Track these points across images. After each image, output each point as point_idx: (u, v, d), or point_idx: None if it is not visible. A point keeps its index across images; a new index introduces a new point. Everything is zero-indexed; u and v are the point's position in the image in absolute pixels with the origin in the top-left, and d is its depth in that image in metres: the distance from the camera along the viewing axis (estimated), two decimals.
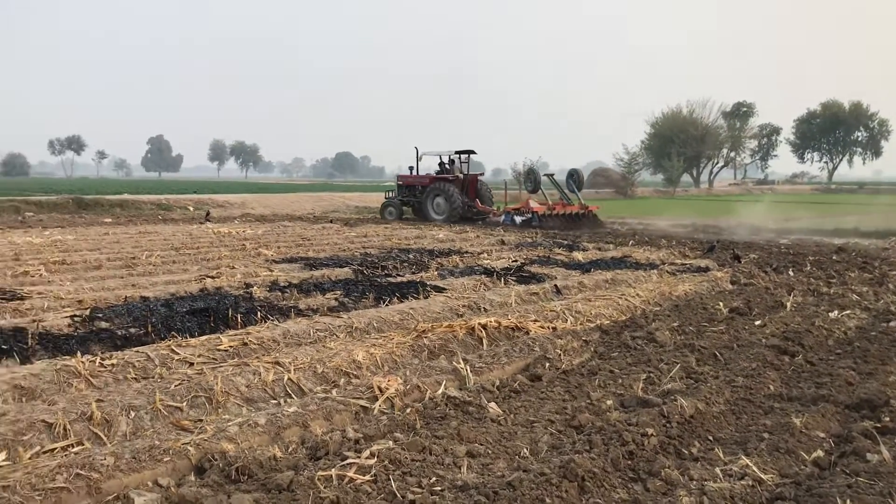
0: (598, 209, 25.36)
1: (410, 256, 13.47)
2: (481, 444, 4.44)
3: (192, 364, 5.99)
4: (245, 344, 6.57)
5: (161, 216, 26.91)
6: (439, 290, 9.72)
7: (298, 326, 7.22)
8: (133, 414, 4.81)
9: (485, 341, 7.02)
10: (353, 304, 8.96)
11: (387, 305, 8.73)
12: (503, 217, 24.14)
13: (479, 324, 7.24)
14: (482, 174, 27.50)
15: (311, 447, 4.40)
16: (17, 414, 4.62)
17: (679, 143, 74.19)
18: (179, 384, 5.30)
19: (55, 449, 4.35)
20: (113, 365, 5.80)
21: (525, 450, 4.39)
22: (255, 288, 9.64)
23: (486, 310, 8.63)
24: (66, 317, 7.52)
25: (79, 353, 6.07)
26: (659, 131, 78.21)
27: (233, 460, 4.08)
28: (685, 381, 5.82)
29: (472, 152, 26.56)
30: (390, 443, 4.31)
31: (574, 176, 25.86)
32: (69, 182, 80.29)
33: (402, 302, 8.97)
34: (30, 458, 4.18)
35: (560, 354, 6.61)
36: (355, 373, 5.97)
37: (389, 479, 3.82)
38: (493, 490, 3.67)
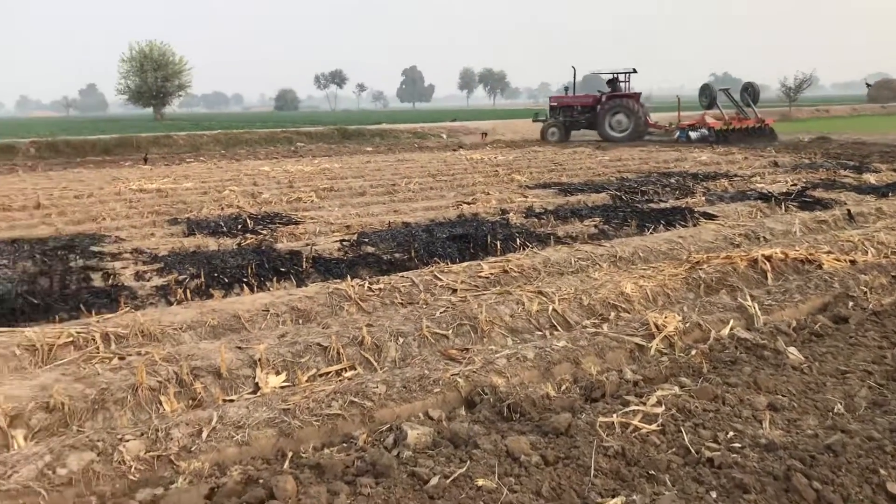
0: (774, 122, 24.37)
1: (672, 181, 12.58)
2: (783, 396, 3.81)
3: (454, 291, 5.86)
4: (505, 271, 6.35)
5: (417, 144, 27.79)
6: (709, 216, 8.89)
7: (559, 254, 6.87)
8: (401, 340, 4.74)
9: (769, 275, 6.22)
10: (613, 231, 8.45)
11: (651, 233, 8.12)
12: (677, 133, 23.94)
13: (763, 255, 6.42)
14: (640, 93, 26.79)
15: (586, 387, 4.03)
16: (295, 336, 4.72)
17: None
18: (444, 311, 5.17)
19: (329, 373, 4.37)
20: (380, 289, 5.82)
21: (839, 405, 3.70)
22: (511, 214, 9.43)
23: (766, 239, 7.72)
24: (336, 241, 7.76)
25: (348, 277, 6.18)
26: None
27: (504, 396, 3.83)
28: None
29: (634, 71, 25.94)
30: (676, 388, 3.83)
31: (748, 90, 25.19)
32: (333, 114, 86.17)
33: (668, 230, 8.30)
34: (307, 381, 4.22)
35: (865, 292, 5.67)
36: (625, 306, 5.50)
37: (680, 431, 3.36)
38: (809, 453, 3.09)
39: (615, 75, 26.17)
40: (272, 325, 5.24)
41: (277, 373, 4.31)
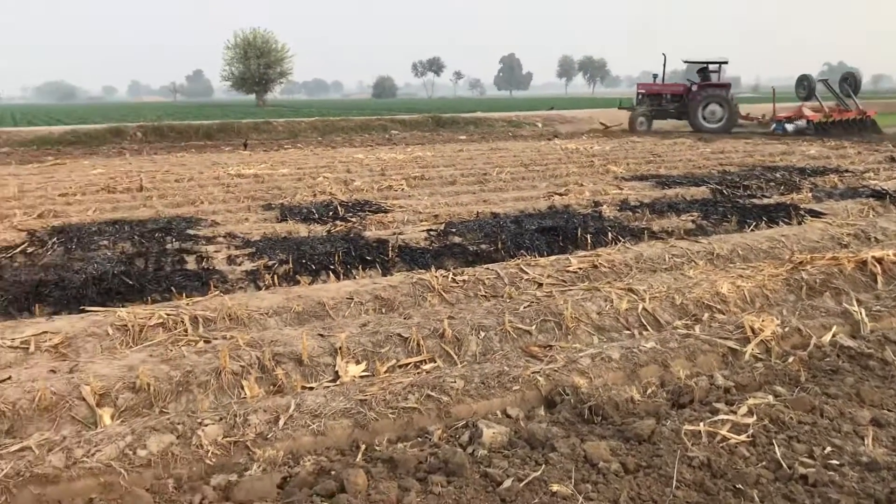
0: (876, 114, 23.55)
1: (777, 175, 12.01)
2: (890, 411, 3.54)
3: (540, 285, 5.73)
4: (595, 266, 6.17)
5: (511, 133, 27.59)
6: (816, 214, 8.43)
7: (652, 250, 6.63)
8: (482, 334, 4.65)
9: (880, 279, 5.82)
10: (712, 227, 8.12)
11: (752, 230, 7.76)
12: (773, 126, 23.16)
13: (873, 257, 6.02)
14: (731, 83, 25.83)
15: (673, 392, 3.85)
16: (377, 325, 4.70)
17: None
18: (528, 306, 5.05)
19: (408, 364, 4.33)
20: (464, 281, 5.75)
21: None
22: (604, 206, 9.19)
23: (877, 240, 7.25)
24: (423, 230, 7.74)
25: (433, 267, 6.13)
26: None
27: (585, 397, 3.70)
28: None
29: (725, 62, 25.06)
30: (770, 397, 3.61)
31: (848, 80, 23.90)
32: (429, 102, 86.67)
33: (770, 227, 7.91)
34: (385, 372, 4.19)
35: None
36: (719, 307, 5.25)
37: (772, 444, 3.15)
38: None
39: (706, 64, 25.16)
40: (355, 314, 5.24)
41: (357, 362, 4.30)
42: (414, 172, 13.31)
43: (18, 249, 7.16)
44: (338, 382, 4.09)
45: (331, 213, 9.03)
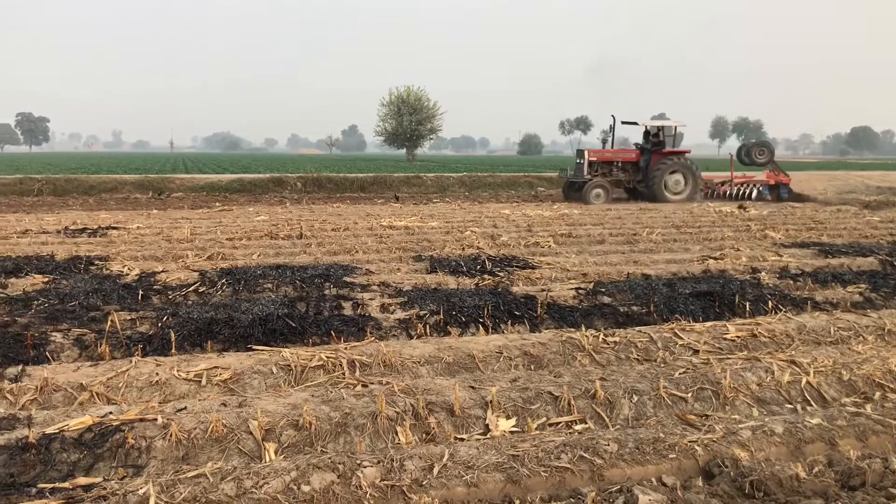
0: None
1: None
2: None
3: (696, 351, 5.58)
4: (754, 335, 5.94)
5: None
6: None
7: (816, 322, 6.31)
8: (636, 398, 4.57)
9: None
10: (882, 300, 7.63)
11: None
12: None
13: None
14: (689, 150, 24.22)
15: (842, 472, 3.62)
16: (527, 381, 4.72)
17: None
18: (684, 372, 4.92)
19: (559, 423, 4.31)
20: (615, 342, 5.68)
21: None
22: (762, 273, 8.84)
23: None
24: (571, 288, 7.70)
25: (583, 327, 6.09)
26: None
27: (746, 471, 3.55)
28: None
29: (684, 125, 23.90)
30: None
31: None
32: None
33: None
34: (536, 429, 4.19)
35: None
36: (892, 386, 4.91)
37: None
38: None
39: (660, 128, 22.69)
40: (504, 368, 5.29)
41: (508, 417, 4.32)
42: (561, 230, 13.31)
43: (192, 288, 7.72)
44: (488, 436, 4.13)
45: (478, 267, 9.16)
